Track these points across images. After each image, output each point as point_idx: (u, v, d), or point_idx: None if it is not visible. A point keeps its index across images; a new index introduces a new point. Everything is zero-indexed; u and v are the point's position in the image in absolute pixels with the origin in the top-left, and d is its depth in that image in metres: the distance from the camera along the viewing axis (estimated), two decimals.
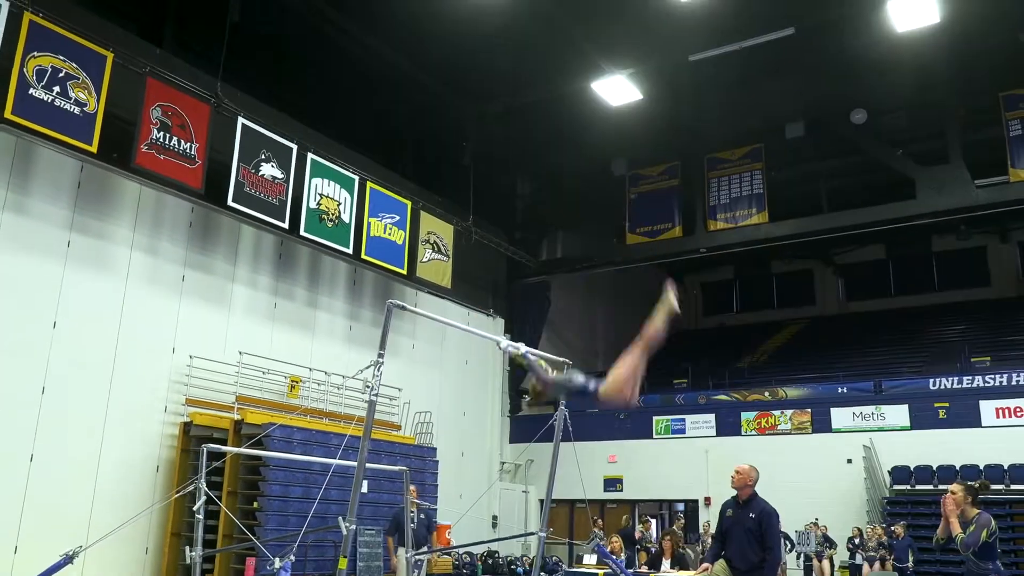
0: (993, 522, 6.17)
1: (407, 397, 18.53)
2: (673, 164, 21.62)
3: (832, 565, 17.06)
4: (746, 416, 20.41)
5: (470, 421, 21.23)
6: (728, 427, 20.52)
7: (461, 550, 15.70)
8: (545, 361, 5.44)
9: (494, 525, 20.94)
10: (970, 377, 18.95)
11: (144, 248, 14.25)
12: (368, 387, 5.59)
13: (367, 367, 5.76)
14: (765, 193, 20.08)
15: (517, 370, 22.89)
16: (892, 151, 19.68)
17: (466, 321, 20.47)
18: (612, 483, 21.11)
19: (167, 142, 13.42)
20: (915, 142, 19.96)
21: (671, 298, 5.35)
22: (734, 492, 7.24)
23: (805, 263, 30.16)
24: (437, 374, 20.19)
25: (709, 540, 14.15)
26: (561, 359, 7.67)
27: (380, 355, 5.57)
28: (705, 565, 7.03)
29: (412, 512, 9.90)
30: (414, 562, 8.78)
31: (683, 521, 17.09)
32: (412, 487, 10.45)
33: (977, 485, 6.37)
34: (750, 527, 6.89)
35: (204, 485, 6.79)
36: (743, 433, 20.29)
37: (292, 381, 16.19)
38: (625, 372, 5.19)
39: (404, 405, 18.52)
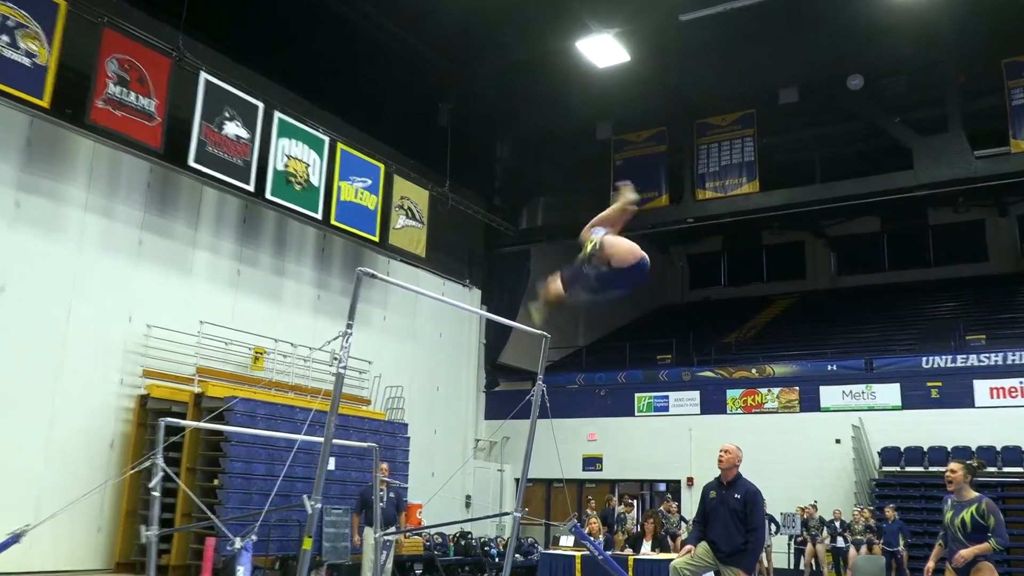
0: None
1: (377, 371, 18.53)
2: (661, 129, 21.59)
3: (825, 549, 17.32)
4: (732, 394, 20.60)
5: (443, 396, 21.28)
6: (713, 405, 20.70)
7: (432, 530, 15.79)
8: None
9: (467, 505, 21.07)
10: (964, 356, 19.20)
11: (99, 210, 14.07)
12: (336, 359, 5.56)
13: (335, 338, 5.73)
14: (756, 161, 20.11)
15: (493, 341, 22.94)
16: (889, 119, 19.75)
17: (441, 291, 20.43)
18: (592, 462, 21.27)
19: (124, 97, 13.21)
20: (913, 110, 20.04)
21: (628, 194, 5.32)
22: (718, 473, 7.31)
23: (796, 235, 30.32)
24: (409, 347, 20.19)
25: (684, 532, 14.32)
26: (539, 331, 7.67)
27: (349, 326, 5.54)
28: (688, 547, 7.10)
29: (381, 490, 9.91)
30: (382, 542, 8.82)
31: (672, 503, 17.26)
32: (383, 464, 10.46)
33: (975, 464, 6.45)
34: (735, 508, 6.97)
35: (161, 461, 6.76)
36: (728, 411, 20.49)
37: (256, 352, 16.14)
38: (617, 240, 5.12)
39: (374, 379, 18.51)
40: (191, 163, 14.18)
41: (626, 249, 5.09)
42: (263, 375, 16.14)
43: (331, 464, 14.30)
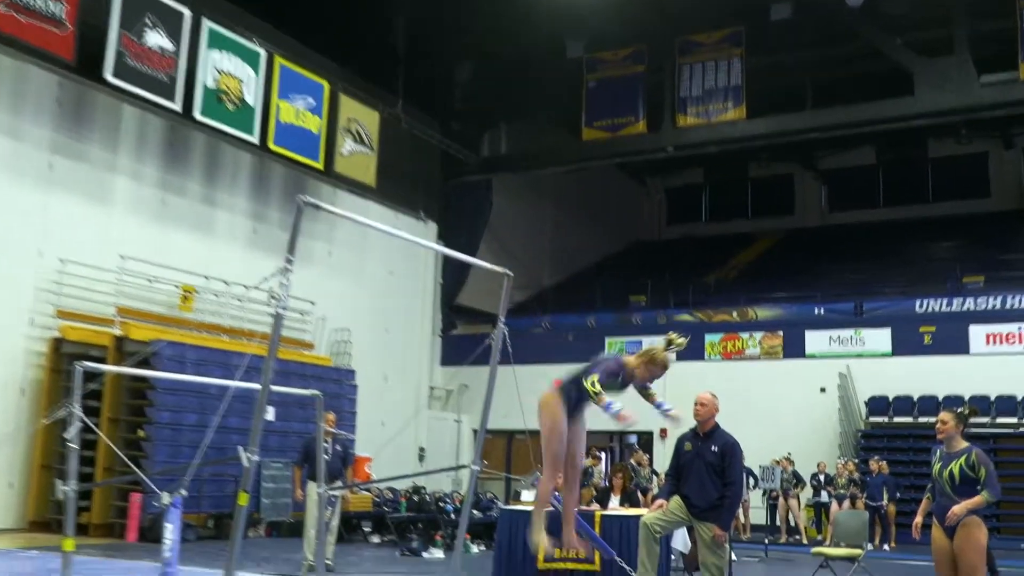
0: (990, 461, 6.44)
1: (322, 312, 18.49)
2: (639, 48, 21.40)
3: (799, 503, 17.78)
4: (711, 339, 20.87)
5: (395, 340, 21.32)
6: (690, 350, 20.65)
7: (382, 485, 15.94)
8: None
9: (421, 458, 21.27)
10: (960, 299, 19.58)
11: (2, 129, 13.74)
12: (275, 299, 5.52)
13: (273, 275, 5.68)
14: (743, 85, 20.06)
15: (451, 279, 22.93)
16: (890, 39, 19.74)
17: (393, 224, 20.30)
18: None
19: (30, 2, 12.82)
20: (916, 30, 20.01)
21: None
22: (693, 425, 7.42)
23: (785, 167, 30.48)
24: (357, 286, 20.14)
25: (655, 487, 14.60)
26: (501, 269, 7.69)
27: (289, 261, 5.50)
28: (660, 501, 7.25)
29: (326, 442, 9.96)
30: (327, 498, 8.89)
31: (642, 454, 17.56)
32: (328, 414, 10.50)
33: (966, 412, 6.59)
34: (711, 461, 7.10)
35: (79, 409, 6.71)
36: (706, 357, 20.77)
37: (185, 291, 16.02)
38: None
39: (318, 321, 18.48)
40: (108, 77, 13.85)
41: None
42: (193, 317, 16.05)
43: (270, 414, 14.31)
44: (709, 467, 7.15)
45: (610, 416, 5.58)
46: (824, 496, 17.10)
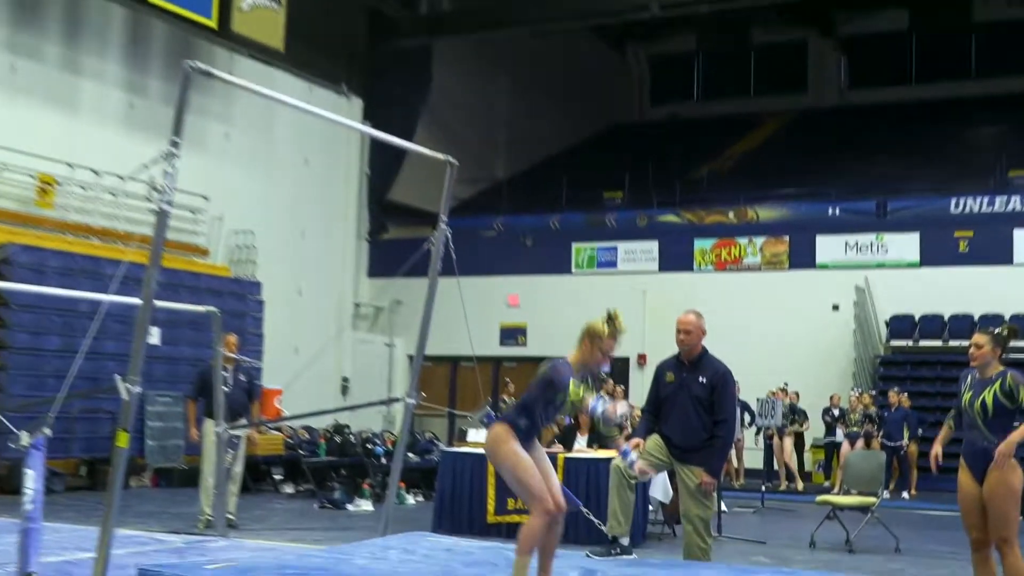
0: None
1: (218, 210, 18.32)
2: None
3: (802, 443, 18.15)
4: (701, 245, 21.00)
5: (311, 246, 21.22)
6: (676, 259, 21.11)
7: (296, 424, 16.01)
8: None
9: (344, 390, 21.36)
10: (1004, 197, 19.84)
11: None
12: (157, 192, 5.45)
13: (155, 162, 5.60)
14: None
15: (381, 170, 22.77)
16: None
17: (307, 99, 19.98)
18: (512, 334, 21.67)
19: None
20: None
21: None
22: (678, 351, 7.48)
23: (797, 32, 30.39)
24: (263, 178, 19.94)
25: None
26: (443, 156, 7.65)
27: (175, 144, 5.42)
28: (636, 440, 7.34)
29: (225, 371, 9.95)
30: (227, 439, 8.93)
31: (618, 387, 17.79)
32: (228, 336, 10.48)
33: (1005, 332, 6.68)
34: (698, 394, 7.15)
35: None
36: (696, 268, 20.94)
37: (43, 183, 15.75)
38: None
39: (214, 221, 18.32)
40: None
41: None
42: (54, 215, 15.82)
43: (154, 336, 14.23)
44: (695, 401, 7.19)
45: (601, 423, 5.81)
46: (838, 435, 17.48)
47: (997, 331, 6.76)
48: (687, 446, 7.16)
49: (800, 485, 17.50)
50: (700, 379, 7.21)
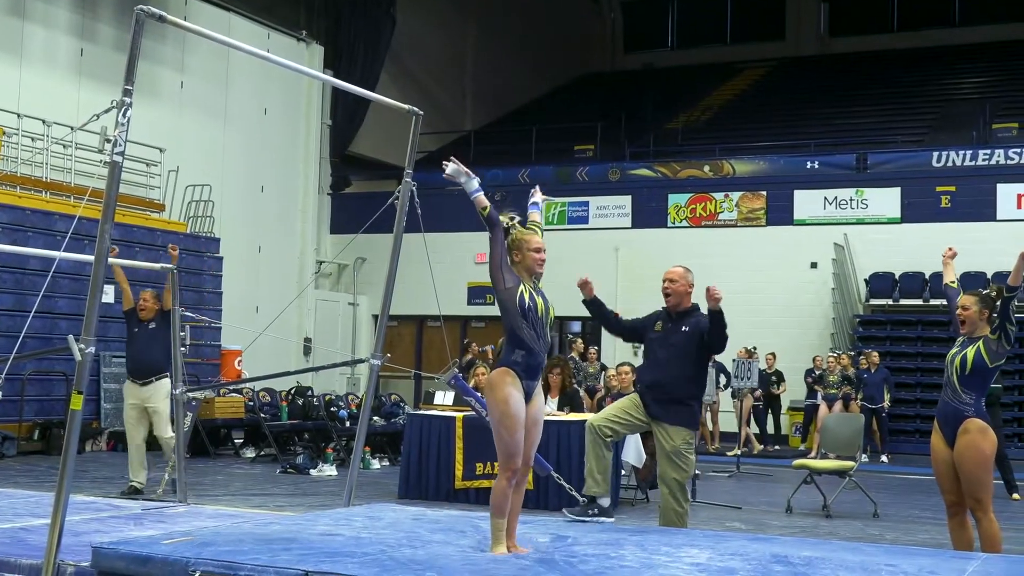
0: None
1: (174, 162, 18.17)
2: None
3: (779, 406, 18.29)
4: (676, 200, 21.04)
5: (271, 200, 21.12)
6: (649, 215, 21.14)
7: (257, 385, 15.98)
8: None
9: (307, 351, 21.33)
10: (988, 151, 19.95)
11: None
12: (110, 143, 5.39)
13: (107, 111, 5.53)
14: None
15: (343, 121, 22.64)
16: None
17: (265, 47, 19.84)
18: (480, 293, 21.66)
19: None
20: None
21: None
22: (657, 308, 7.49)
23: None
24: (220, 129, 19.81)
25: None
26: (407, 107, 7.60)
27: (127, 92, 5.35)
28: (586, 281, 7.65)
29: (182, 332, 9.91)
30: (184, 401, 8.90)
31: (591, 349, 17.82)
32: (145, 292, 10.55)
33: (993, 292, 6.70)
34: (677, 342, 7.17)
35: None
36: (670, 223, 20.97)
37: None
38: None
39: (169, 175, 18.18)
40: None
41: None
42: (1, 167, 15.68)
43: (108, 294, 14.17)
44: (674, 351, 7.20)
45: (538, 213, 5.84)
46: (818, 397, 17.64)
47: (986, 292, 6.78)
48: (664, 398, 7.14)
49: (756, 448, 17.69)
50: (683, 328, 7.24)
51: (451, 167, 5.84)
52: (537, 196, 6.45)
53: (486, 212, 5.75)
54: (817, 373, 17.73)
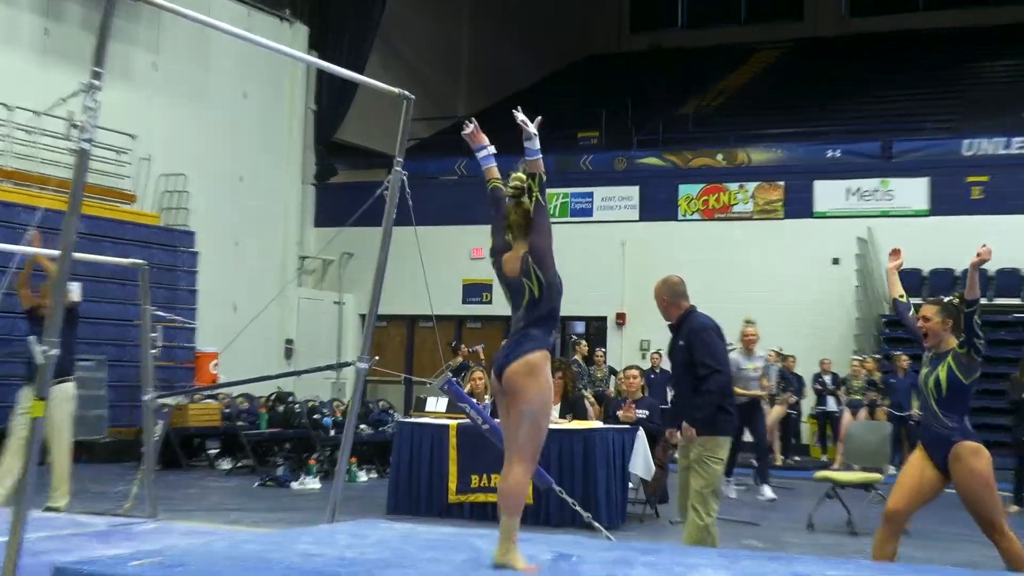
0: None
1: (145, 150, 18.17)
2: None
3: (798, 413, 18.21)
4: (687, 191, 20.98)
5: (250, 191, 21.06)
6: (658, 207, 21.09)
7: (233, 391, 15.96)
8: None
9: (288, 354, 21.30)
10: (1022, 138, 19.88)
11: None
12: (77, 129, 5.35)
13: (74, 95, 5.49)
14: None
15: (329, 106, 22.61)
16: None
17: (246, 26, 19.80)
18: (476, 291, 21.62)
19: None
20: None
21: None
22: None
23: None
24: (196, 114, 19.76)
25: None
26: (398, 91, 7.56)
27: (96, 75, 5.32)
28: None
29: (154, 334, 9.87)
30: (155, 407, 8.86)
31: (586, 347, 17.80)
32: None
33: (956, 300, 6.64)
34: (681, 360, 7.21)
35: None
36: (680, 216, 20.91)
37: None
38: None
39: (141, 163, 18.16)
40: None
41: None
42: None
43: (74, 292, 14.11)
44: (680, 368, 7.30)
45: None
46: (831, 404, 17.54)
47: (949, 299, 6.72)
48: (685, 414, 7.20)
49: (777, 459, 17.63)
50: (680, 343, 7.27)
51: (528, 123, 5.86)
52: (486, 145, 6.51)
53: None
54: (827, 378, 17.70)
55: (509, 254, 5.77)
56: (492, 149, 5.93)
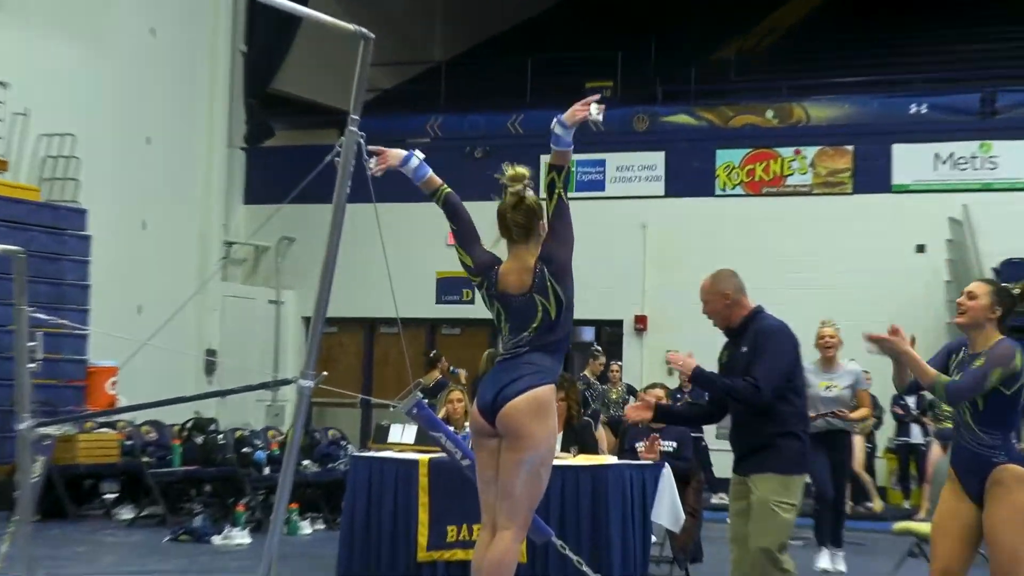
0: (1019, 357, 6.43)
1: (20, 103, 18.15)
2: None
3: (873, 446, 18.17)
4: (727, 158, 20.96)
5: (161, 157, 21.02)
6: (689, 179, 21.07)
7: (138, 417, 15.93)
8: None
9: (209, 369, 21.26)
10: None
11: None
12: None
13: None
14: None
15: (263, 46, 22.60)
16: None
17: None
18: (454, 287, 21.59)
19: None
20: None
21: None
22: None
23: None
24: (89, 57, 19.71)
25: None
26: (353, 27, 7.53)
27: None
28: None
29: (31, 343, 9.83)
30: (34, 439, 8.81)
31: (615, 364, 17.78)
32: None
33: (1018, 290, 6.60)
34: (739, 370, 7.19)
35: None
36: (718, 191, 20.90)
37: None
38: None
39: (15, 120, 18.14)
40: None
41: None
42: None
43: None
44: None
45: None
46: (916, 434, 17.51)
47: (1008, 286, 6.68)
48: (743, 446, 7.16)
49: (878, 506, 17.55)
50: (743, 349, 7.22)
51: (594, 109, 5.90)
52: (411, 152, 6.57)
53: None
54: (910, 401, 17.55)
55: (507, 266, 5.70)
56: (419, 153, 5.82)
